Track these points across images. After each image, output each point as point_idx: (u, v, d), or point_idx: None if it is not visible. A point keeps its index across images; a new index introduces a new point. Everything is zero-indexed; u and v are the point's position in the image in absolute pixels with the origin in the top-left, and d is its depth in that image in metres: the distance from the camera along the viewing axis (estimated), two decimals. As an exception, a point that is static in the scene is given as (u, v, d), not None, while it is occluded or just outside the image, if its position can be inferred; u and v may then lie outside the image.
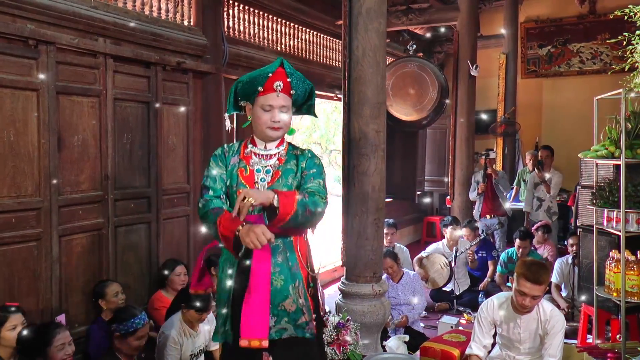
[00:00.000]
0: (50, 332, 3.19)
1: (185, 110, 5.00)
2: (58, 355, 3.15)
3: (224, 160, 2.61)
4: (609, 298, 3.85)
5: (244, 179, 2.54)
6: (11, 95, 3.58)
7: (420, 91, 7.48)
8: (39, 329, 3.29)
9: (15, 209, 3.64)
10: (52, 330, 3.21)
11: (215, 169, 2.58)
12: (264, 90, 2.49)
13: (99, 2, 4.16)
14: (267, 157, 2.59)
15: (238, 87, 2.58)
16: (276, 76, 2.50)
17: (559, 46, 10.06)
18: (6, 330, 3.09)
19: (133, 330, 3.33)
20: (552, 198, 7.12)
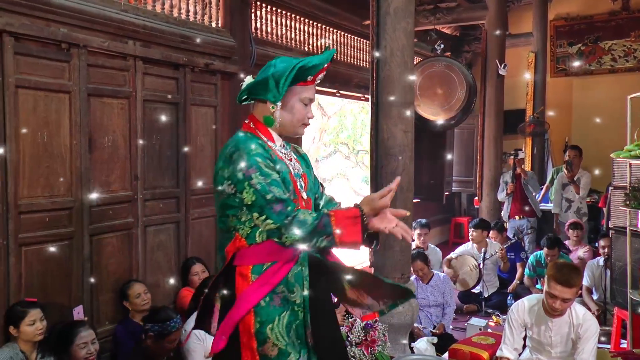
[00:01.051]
0: (73, 330, 3.24)
1: (213, 111, 5.04)
2: (80, 353, 3.19)
3: (271, 161, 2.08)
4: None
5: (297, 189, 2.16)
6: (45, 98, 3.66)
7: (448, 91, 7.41)
8: (63, 327, 3.35)
9: (48, 209, 3.71)
10: (75, 328, 3.26)
11: (273, 173, 2.04)
12: (308, 81, 2.15)
13: (129, 6, 4.22)
14: (289, 158, 2.24)
15: (296, 68, 2.11)
16: (324, 68, 2.18)
17: (589, 44, 9.89)
18: (25, 325, 3.16)
19: (167, 332, 3.36)
20: (582, 199, 7.00)
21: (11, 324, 3.20)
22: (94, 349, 3.26)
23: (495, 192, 7.49)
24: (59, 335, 3.28)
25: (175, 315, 3.45)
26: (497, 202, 7.53)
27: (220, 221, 2.11)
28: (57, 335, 3.29)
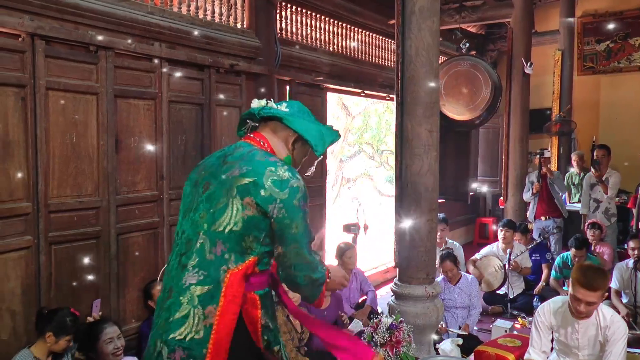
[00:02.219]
0: (99, 327, 3.29)
1: (238, 112, 5.07)
2: (107, 348, 3.25)
3: None
4: (674, 305, 3.70)
5: None
6: (73, 99, 3.72)
7: (473, 90, 7.34)
8: (88, 324, 3.39)
9: (76, 208, 3.78)
10: (100, 326, 3.30)
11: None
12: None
13: (155, 8, 4.27)
14: None
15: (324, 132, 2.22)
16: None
17: (618, 41, 9.70)
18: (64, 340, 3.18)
19: None
20: (610, 199, 6.88)
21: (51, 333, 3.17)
22: (120, 345, 3.31)
23: (520, 192, 7.40)
24: (85, 333, 3.33)
25: None
26: (523, 202, 7.43)
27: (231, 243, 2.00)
28: (83, 333, 3.34)
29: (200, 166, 2.23)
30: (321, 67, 6.17)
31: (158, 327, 2.03)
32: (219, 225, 1.98)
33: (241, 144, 2.17)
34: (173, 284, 2.03)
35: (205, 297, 1.96)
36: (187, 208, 2.13)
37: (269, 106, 2.22)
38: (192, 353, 1.94)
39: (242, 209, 1.96)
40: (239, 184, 1.97)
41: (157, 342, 2.01)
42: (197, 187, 2.12)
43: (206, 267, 1.98)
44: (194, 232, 2.03)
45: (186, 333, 1.95)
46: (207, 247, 1.99)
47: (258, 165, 2.00)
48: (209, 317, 1.96)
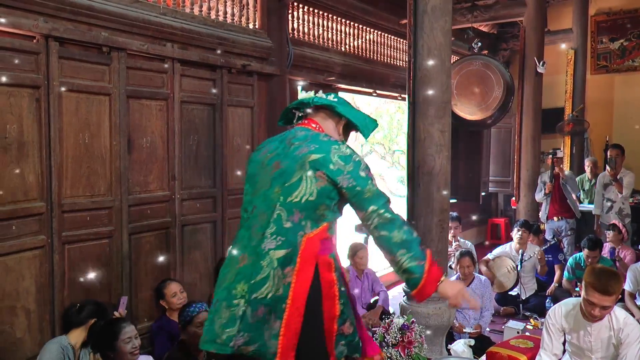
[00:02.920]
0: (118, 326, 3.32)
1: (250, 112, 5.08)
2: (126, 348, 3.27)
3: None
4: (690, 306, 3.65)
5: None
6: (86, 100, 3.75)
7: (485, 90, 7.31)
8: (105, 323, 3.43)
9: (89, 208, 3.81)
10: (119, 325, 3.34)
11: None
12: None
13: (167, 9, 4.29)
14: None
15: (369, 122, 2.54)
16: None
17: (633, 39, 9.61)
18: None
19: (190, 318, 3.44)
20: (624, 199, 6.80)
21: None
22: (138, 344, 3.34)
23: (533, 193, 7.35)
24: (102, 332, 3.36)
25: (196, 302, 3.56)
26: (535, 202, 7.39)
27: (307, 211, 2.26)
28: (101, 331, 3.38)
29: (261, 150, 2.50)
30: (333, 67, 6.17)
31: (225, 290, 2.29)
32: (295, 196, 2.24)
33: (300, 128, 2.46)
34: (247, 251, 2.29)
35: (284, 259, 2.22)
36: (257, 186, 2.39)
37: (318, 96, 2.52)
38: (273, 309, 2.21)
39: (315, 181, 2.24)
40: (310, 159, 2.25)
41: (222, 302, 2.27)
42: (265, 167, 2.38)
43: (284, 233, 2.24)
44: (268, 206, 2.29)
45: (267, 292, 2.20)
46: (284, 217, 2.24)
47: (324, 143, 2.30)
48: (288, 276, 2.21)
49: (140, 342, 3.44)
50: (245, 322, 2.22)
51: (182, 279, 4.42)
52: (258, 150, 2.55)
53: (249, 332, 2.23)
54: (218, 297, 2.33)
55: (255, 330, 2.22)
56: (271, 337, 2.21)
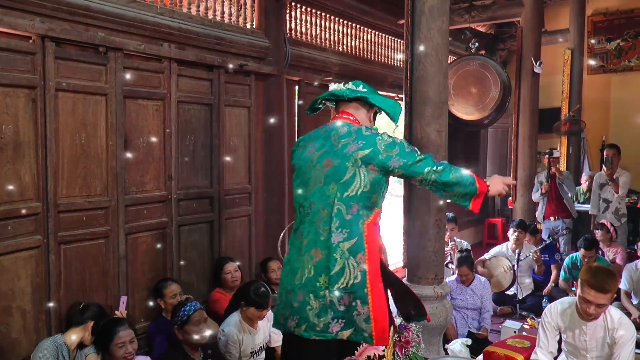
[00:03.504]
0: (113, 329, 3.30)
1: (247, 112, 5.08)
2: (118, 352, 3.24)
3: None
4: (685, 306, 3.67)
5: None
6: (83, 100, 3.74)
7: (482, 90, 7.32)
8: (104, 324, 3.42)
9: (85, 208, 3.80)
10: (114, 327, 3.31)
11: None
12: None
13: (164, 9, 4.28)
14: None
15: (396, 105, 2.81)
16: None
17: (629, 39, 9.63)
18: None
19: (186, 318, 3.41)
20: (621, 199, 6.82)
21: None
22: (132, 349, 3.30)
23: (529, 193, 7.37)
24: (100, 332, 3.35)
25: (190, 301, 3.56)
26: (532, 202, 7.40)
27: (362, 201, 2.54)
28: (99, 332, 3.37)
29: (307, 147, 2.72)
30: (330, 67, 6.17)
31: (307, 282, 2.53)
32: (351, 190, 2.52)
33: (340, 123, 2.68)
34: (319, 246, 2.53)
35: (353, 248, 2.49)
36: (310, 183, 2.62)
37: (350, 88, 2.75)
38: (356, 295, 2.46)
39: (368, 174, 2.53)
40: (360, 156, 2.52)
41: (309, 294, 2.51)
42: (316, 165, 2.62)
43: (347, 225, 2.51)
44: (326, 202, 2.54)
45: (347, 281, 2.47)
46: (344, 210, 2.51)
47: (368, 138, 2.56)
48: (361, 262, 2.49)
49: (137, 346, 3.42)
50: (335, 310, 2.47)
51: (178, 279, 4.42)
52: (303, 147, 2.75)
53: (342, 319, 2.47)
54: (294, 288, 2.58)
55: (347, 316, 2.47)
56: (363, 321, 2.48)
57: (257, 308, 3.75)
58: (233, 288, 4.49)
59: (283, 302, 2.65)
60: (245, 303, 3.77)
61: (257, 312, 3.76)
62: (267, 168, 5.33)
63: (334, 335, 2.48)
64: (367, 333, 2.47)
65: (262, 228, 5.32)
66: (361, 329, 2.48)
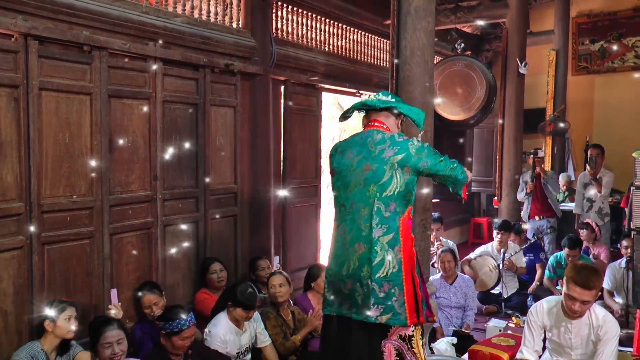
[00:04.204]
0: (101, 329, 3.26)
1: (232, 112, 5.07)
2: (105, 353, 3.19)
3: None
4: (666, 304, 3.71)
5: None
6: (67, 99, 3.71)
7: (468, 90, 7.35)
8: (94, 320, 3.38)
9: (69, 208, 3.77)
10: (103, 327, 3.27)
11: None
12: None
13: (149, 7, 4.26)
14: None
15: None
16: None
17: (612, 41, 9.74)
18: (62, 320, 3.25)
19: (178, 330, 3.33)
20: (604, 198, 6.89)
21: (48, 319, 3.26)
22: (120, 350, 3.23)
23: (515, 192, 7.42)
24: (91, 329, 3.32)
25: (186, 313, 3.45)
26: (517, 202, 7.45)
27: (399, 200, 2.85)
28: (90, 329, 3.34)
29: (345, 153, 3.01)
30: (316, 67, 6.17)
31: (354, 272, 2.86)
32: (389, 191, 2.84)
33: (374, 131, 2.97)
34: (362, 240, 2.85)
35: (391, 242, 2.82)
36: (350, 185, 2.93)
37: (381, 99, 3.04)
38: (394, 282, 2.79)
39: (403, 175, 2.84)
40: (396, 160, 2.83)
41: (356, 283, 2.84)
42: (355, 169, 2.92)
43: (386, 221, 2.83)
44: (367, 202, 2.85)
45: (387, 270, 2.80)
46: (383, 208, 2.83)
47: (402, 144, 2.86)
48: (397, 254, 2.82)
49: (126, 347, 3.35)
50: (376, 296, 2.79)
51: (164, 279, 4.40)
52: (342, 153, 3.04)
53: (382, 304, 2.79)
54: (343, 278, 2.91)
55: (386, 302, 2.79)
56: (400, 306, 2.80)
57: (245, 309, 3.73)
58: (219, 288, 4.47)
59: (335, 290, 2.97)
60: (232, 304, 3.75)
61: (244, 313, 3.75)
62: (253, 168, 5.32)
63: (374, 320, 2.80)
64: (403, 317, 2.80)
65: (247, 228, 5.31)
66: (398, 313, 2.80)
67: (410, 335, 2.89)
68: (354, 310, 2.88)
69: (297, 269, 5.69)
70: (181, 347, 3.39)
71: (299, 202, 6.05)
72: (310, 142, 6.18)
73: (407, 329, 2.86)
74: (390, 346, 2.88)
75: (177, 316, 3.37)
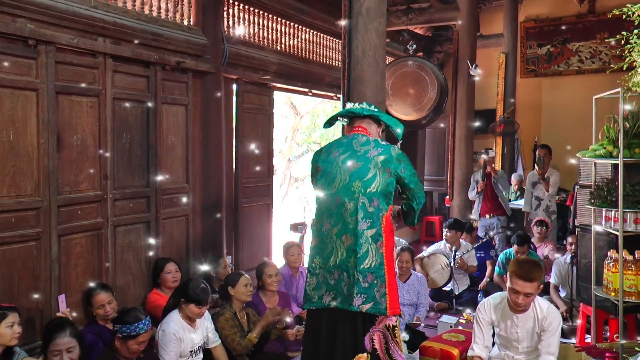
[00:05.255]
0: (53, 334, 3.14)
1: (184, 110, 5.01)
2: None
3: None
4: (607, 298, 3.86)
5: None
6: (11, 95, 3.58)
7: (420, 91, 7.48)
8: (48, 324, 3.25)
9: (14, 209, 3.64)
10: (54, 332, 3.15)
11: None
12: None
13: (98, 2, 4.16)
14: None
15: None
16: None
17: (558, 45, 10.08)
18: (3, 327, 3.07)
19: (135, 334, 3.27)
20: (551, 197, 7.11)
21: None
22: (69, 358, 3.14)
23: (466, 191, 7.58)
24: (45, 332, 3.20)
25: (144, 317, 3.39)
26: (468, 200, 7.62)
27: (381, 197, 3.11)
28: (44, 331, 3.22)
29: (331, 152, 3.24)
30: (269, 66, 6.16)
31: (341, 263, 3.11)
32: (372, 188, 3.09)
33: (358, 135, 3.25)
34: (349, 233, 3.09)
35: (375, 236, 3.08)
36: (336, 181, 3.15)
37: (363, 107, 3.34)
38: (377, 274, 3.05)
39: (384, 175, 3.10)
40: (380, 160, 3.10)
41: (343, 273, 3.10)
42: (341, 166, 3.15)
43: (370, 216, 3.08)
44: (352, 197, 3.10)
45: (370, 262, 3.05)
46: (367, 204, 3.08)
47: (385, 147, 3.15)
48: (380, 248, 3.08)
49: (77, 356, 3.25)
50: (360, 286, 3.01)
51: (114, 281, 4.31)
52: (327, 152, 3.27)
53: (365, 294, 3.02)
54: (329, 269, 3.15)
55: (369, 292, 3.02)
56: (381, 296, 3.04)
57: (198, 304, 3.69)
58: (172, 289, 4.41)
59: (317, 282, 3.17)
60: (185, 300, 3.71)
61: (197, 309, 3.71)
62: (204, 167, 5.27)
63: (357, 308, 3.01)
64: (383, 306, 3.03)
65: (199, 227, 5.26)
66: (379, 303, 3.02)
67: (393, 325, 3.12)
68: (338, 300, 3.08)
69: (249, 268, 5.66)
70: (136, 352, 3.33)
71: (252, 201, 6.02)
72: (263, 142, 6.16)
73: (391, 319, 3.08)
74: (379, 334, 3.09)
75: (135, 320, 3.30)
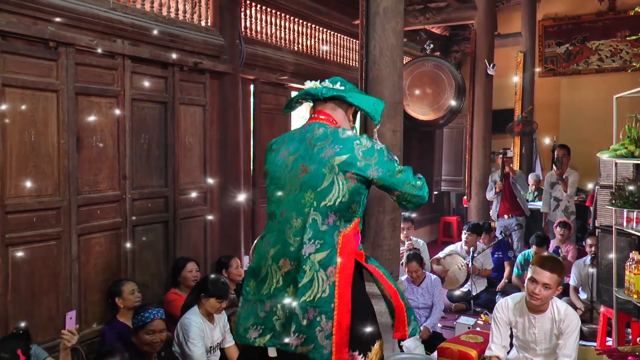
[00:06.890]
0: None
1: (202, 111, 5.03)
2: None
3: None
4: (628, 300, 3.79)
5: None
6: (32, 97, 3.63)
7: (437, 90, 7.44)
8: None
9: (35, 208, 3.69)
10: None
11: None
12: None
13: (117, 4, 4.20)
14: None
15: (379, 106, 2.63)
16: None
17: (577, 44, 9.95)
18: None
19: (143, 323, 3.32)
20: (570, 197, 7.04)
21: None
22: None
23: (484, 192, 7.52)
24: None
25: (154, 307, 3.43)
26: (486, 201, 7.56)
27: (341, 212, 2.38)
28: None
29: (280, 151, 2.52)
30: (286, 67, 6.17)
31: (276, 293, 2.39)
32: (328, 200, 2.34)
33: (315, 124, 2.49)
34: (288, 257, 2.38)
35: (325, 260, 2.32)
36: (285, 190, 2.44)
37: (326, 87, 2.56)
38: (322, 310, 2.30)
39: (346, 182, 2.34)
40: (337, 162, 2.33)
41: (276, 305, 2.38)
42: (291, 170, 2.42)
43: (321, 236, 2.34)
44: (301, 211, 2.37)
45: (314, 294, 2.30)
46: (320, 221, 2.34)
47: (345, 142, 2.37)
48: (331, 276, 2.32)
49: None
50: (298, 323, 2.31)
51: (133, 280, 4.33)
52: (276, 151, 2.55)
53: (303, 334, 2.32)
54: (261, 298, 2.44)
55: (309, 332, 2.31)
56: (325, 338, 2.31)
57: (218, 298, 3.71)
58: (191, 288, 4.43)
59: (247, 311, 2.47)
60: (205, 295, 3.72)
61: (218, 304, 3.72)
62: (222, 167, 5.29)
63: (294, 350, 2.34)
64: (327, 350, 2.30)
65: (217, 228, 5.29)
66: (321, 347, 2.30)
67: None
68: (267, 337, 2.39)
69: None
70: (148, 343, 3.33)
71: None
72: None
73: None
74: None
75: (143, 310, 3.38)
